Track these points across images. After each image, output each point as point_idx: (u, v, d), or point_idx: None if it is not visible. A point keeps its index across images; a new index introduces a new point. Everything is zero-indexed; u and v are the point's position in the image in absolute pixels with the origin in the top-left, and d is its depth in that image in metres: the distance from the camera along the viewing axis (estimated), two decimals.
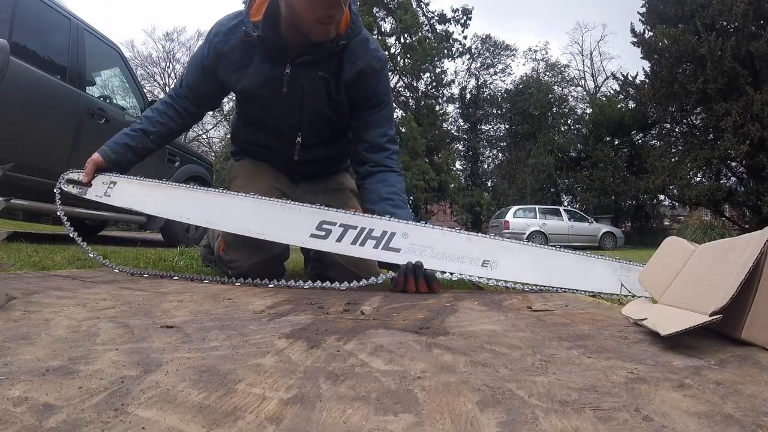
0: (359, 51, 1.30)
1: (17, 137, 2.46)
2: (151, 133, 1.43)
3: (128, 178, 1.39)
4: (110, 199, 1.36)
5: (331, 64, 1.29)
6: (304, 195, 1.51)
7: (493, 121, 22.25)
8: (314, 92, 1.32)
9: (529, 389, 0.45)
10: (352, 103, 1.37)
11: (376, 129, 1.39)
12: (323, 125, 1.43)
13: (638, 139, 16.26)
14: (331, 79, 1.30)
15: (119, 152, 1.41)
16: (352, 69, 1.30)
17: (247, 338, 0.63)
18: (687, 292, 0.72)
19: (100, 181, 1.39)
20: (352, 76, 1.31)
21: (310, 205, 1.24)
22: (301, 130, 1.42)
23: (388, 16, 16.32)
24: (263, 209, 1.24)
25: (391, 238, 1.18)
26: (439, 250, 1.16)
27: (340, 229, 1.19)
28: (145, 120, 1.45)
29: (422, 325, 0.74)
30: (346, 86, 1.32)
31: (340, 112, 1.39)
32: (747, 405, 0.41)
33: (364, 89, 1.34)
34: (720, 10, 11.09)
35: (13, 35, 2.42)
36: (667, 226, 15.82)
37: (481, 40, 21.68)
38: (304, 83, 1.30)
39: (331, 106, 1.36)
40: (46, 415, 0.36)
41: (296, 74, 1.29)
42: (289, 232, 1.22)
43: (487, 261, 1.15)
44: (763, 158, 10.66)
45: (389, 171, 1.38)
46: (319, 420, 0.37)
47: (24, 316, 0.71)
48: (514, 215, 12.07)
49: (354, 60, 1.29)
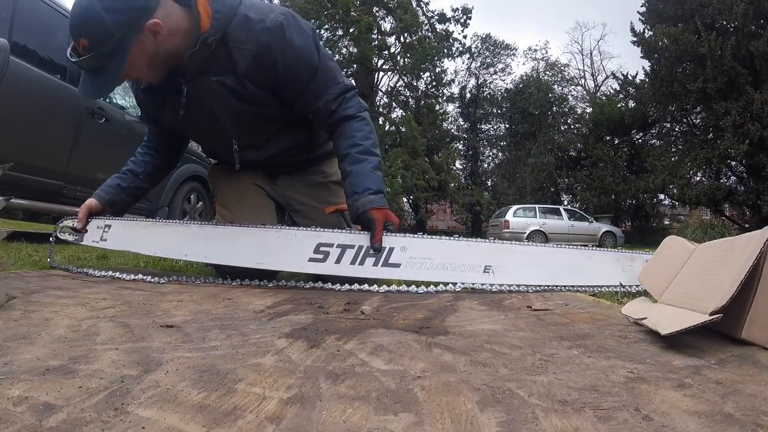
0: (242, 33, 1.15)
1: (17, 137, 2.46)
2: (139, 173, 1.47)
3: (122, 220, 1.40)
4: (107, 243, 1.37)
5: (222, 62, 1.17)
6: (285, 191, 1.50)
7: (493, 120, 22.25)
8: (219, 98, 1.22)
9: (529, 389, 0.45)
10: (274, 87, 1.23)
11: (319, 100, 1.25)
12: (254, 124, 1.31)
13: (638, 138, 16.25)
14: (229, 79, 1.18)
15: (112, 193, 1.44)
16: (244, 56, 1.16)
17: (247, 338, 0.63)
18: (687, 292, 0.72)
19: (95, 226, 1.40)
20: (247, 64, 1.16)
21: (305, 229, 1.22)
22: (233, 137, 1.33)
23: (387, 15, 16.29)
24: (259, 238, 1.23)
25: (390, 253, 1.16)
26: (440, 260, 1.15)
27: (337, 250, 1.17)
28: (132, 163, 1.49)
29: (422, 325, 0.74)
30: (249, 77, 1.19)
31: (265, 104, 1.25)
32: (747, 404, 0.41)
33: (271, 68, 1.18)
34: (720, 9, 11.09)
35: (13, 35, 2.42)
36: (667, 226, 15.81)
37: (481, 39, 21.69)
38: (203, 95, 1.21)
39: (248, 104, 1.24)
40: (46, 414, 0.36)
41: (194, 89, 1.20)
42: (288, 258, 1.20)
43: (488, 266, 1.14)
44: (763, 157, 10.66)
45: (345, 120, 1.27)
46: (319, 419, 0.37)
47: (24, 316, 0.71)
48: (514, 214, 12.07)
49: (240, 46, 1.15)
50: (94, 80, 1.09)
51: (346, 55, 14.92)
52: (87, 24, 1.02)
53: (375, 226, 1.16)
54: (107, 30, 1.01)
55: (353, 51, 15.01)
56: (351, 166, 1.23)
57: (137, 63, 1.09)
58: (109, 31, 1.01)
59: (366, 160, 1.23)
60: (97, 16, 1.01)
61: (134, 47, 1.05)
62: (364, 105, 1.33)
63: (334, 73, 1.28)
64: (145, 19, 1.04)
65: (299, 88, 1.23)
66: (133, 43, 1.05)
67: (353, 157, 1.23)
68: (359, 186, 1.20)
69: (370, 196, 1.18)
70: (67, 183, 2.74)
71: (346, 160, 1.24)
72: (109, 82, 1.11)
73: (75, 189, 2.78)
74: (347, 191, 1.24)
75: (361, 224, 1.21)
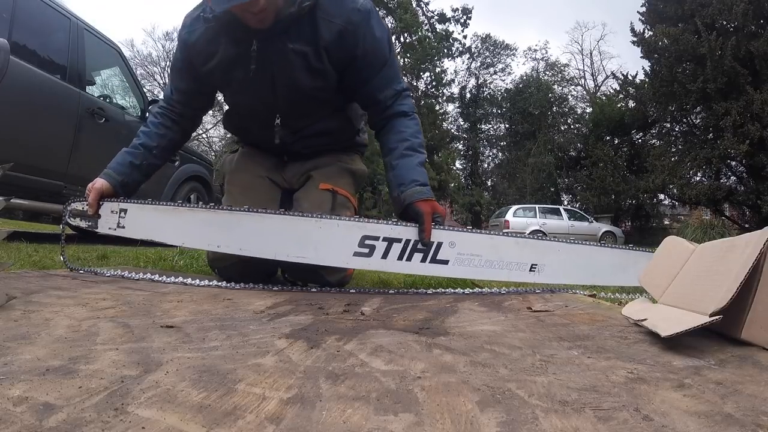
0: (333, 7, 1.14)
1: (17, 137, 2.46)
2: (153, 148, 1.34)
3: (139, 203, 1.24)
4: (125, 231, 1.23)
5: (304, 31, 1.14)
6: (292, 177, 1.44)
7: (493, 120, 22.26)
8: (287, 68, 1.18)
9: (529, 389, 0.45)
10: (345, 69, 1.22)
11: (381, 92, 1.24)
12: (306, 103, 1.28)
13: (638, 138, 16.24)
14: (307, 49, 1.16)
15: (125, 173, 1.30)
16: (330, 30, 1.14)
17: (247, 338, 0.63)
18: (686, 292, 0.72)
19: (109, 210, 1.25)
20: (332, 37, 1.15)
21: (347, 219, 1.14)
22: (278, 112, 1.28)
23: (388, 15, 16.32)
24: (297, 227, 1.14)
25: (438, 249, 1.11)
26: (487, 257, 1.12)
27: (384, 243, 1.11)
28: (144, 135, 1.35)
29: (422, 326, 0.74)
30: (329, 51, 1.17)
31: (326, 85, 1.24)
32: (747, 405, 0.41)
33: (351, 48, 1.17)
34: (720, 9, 11.08)
35: (13, 35, 2.42)
36: (667, 226, 15.82)
37: (480, 39, 21.70)
38: (274, 59, 1.17)
39: (313, 79, 1.21)
40: (46, 414, 0.36)
41: (264, 49, 1.15)
42: (330, 251, 1.11)
43: (534, 265, 1.12)
44: (762, 157, 10.65)
45: (398, 117, 1.26)
46: (319, 420, 0.37)
47: (24, 316, 0.71)
48: (514, 214, 12.07)
49: (329, 18, 1.13)
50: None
51: None
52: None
53: (423, 218, 1.12)
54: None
55: None
56: (397, 159, 1.21)
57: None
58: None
59: (413, 155, 1.21)
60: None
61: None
62: (415, 107, 1.33)
63: (397, 71, 1.29)
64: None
65: (366, 77, 1.23)
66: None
67: (400, 152, 1.21)
68: (405, 178, 1.18)
69: (417, 187, 1.16)
70: (67, 183, 2.74)
71: (392, 154, 1.22)
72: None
73: (75, 189, 2.78)
74: (392, 184, 1.22)
75: (407, 217, 1.16)
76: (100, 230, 1.25)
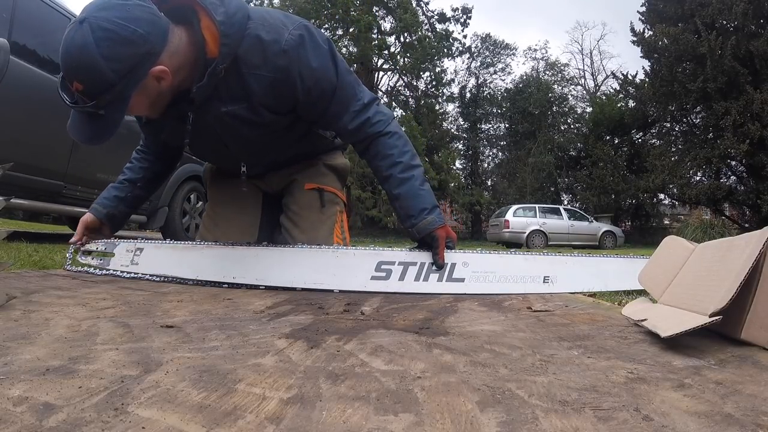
0: (255, 57, 1.03)
1: (17, 137, 2.46)
2: (137, 181, 1.38)
3: (155, 242, 1.30)
4: (138, 267, 1.25)
5: (233, 89, 1.06)
6: (273, 182, 1.47)
7: (492, 120, 22.24)
8: (228, 128, 1.14)
9: (529, 389, 0.45)
10: (292, 111, 1.16)
11: (340, 119, 1.18)
12: (264, 146, 1.26)
13: (638, 138, 16.25)
14: (242, 108, 1.09)
15: (110, 205, 1.35)
16: (260, 83, 1.05)
17: (247, 338, 0.63)
18: (686, 292, 0.72)
19: (124, 249, 1.28)
20: (264, 91, 1.07)
21: (363, 248, 1.20)
22: (239, 158, 1.27)
23: (387, 15, 16.31)
24: (315, 259, 1.18)
25: (452, 269, 1.16)
26: (502, 273, 1.17)
27: (400, 267, 1.16)
28: (128, 171, 1.40)
29: (422, 326, 0.74)
30: (266, 104, 1.10)
31: (277, 127, 1.18)
32: (747, 405, 0.41)
33: (290, 94, 1.09)
34: (720, 8, 11.08)
35: (13, 35, 2.42)
36: (667, 225, 15.83)
37: (480, 39, 21.68)
38: (212, 124, 1.12)
39: (260, 129, 1.16)
40: (46, 414, 0.36)
41: (201, 118, 1.10)
42: (348, 276, 1.16)
43: (547, 277, 1.17)
44: (762, 157, 10.66)
45: (375, 138, 1.19)
46: (319, 420, 0.37)
47: (24, 316, 0.71)
48: (514, 214, 12.06)
49: (255, 72, 1.04)
50: (89, 124, 0.95)
51: (346, 55, 14.91)
52: (82, 70, 0.88)
53: (437, 243, 1.16)
54: (106, 80, 0.88)
55: (353, 50, 15.02)
56: (398, 188, 1.18)
57: (139, 106, 0.99)
58: (108, 81, 0.88)
59: (411, 178, 1.18)
60: (93, 64, 0.86)
61: (136, 94, 0.94)
62: (389, 114, 1.25)
63: (354, 89, 1.18)
64: (149, 65, 0.92)
65: (321, 109, 1.16)
66: (135, 90, 0.93)
67: (397, 179, 1.18)
68: (414, 209, 1.18)
69: (428, 217, 1.17)
70: (67, 183, 2.74)
71: (390, 182, 1.19)
72: (107, 130, 0.96)
73: (75, 189, 2.79)
74: (400, 215, 1.21)
75: (422, 243, 1.19)
76: (111, 268, 1.28)
